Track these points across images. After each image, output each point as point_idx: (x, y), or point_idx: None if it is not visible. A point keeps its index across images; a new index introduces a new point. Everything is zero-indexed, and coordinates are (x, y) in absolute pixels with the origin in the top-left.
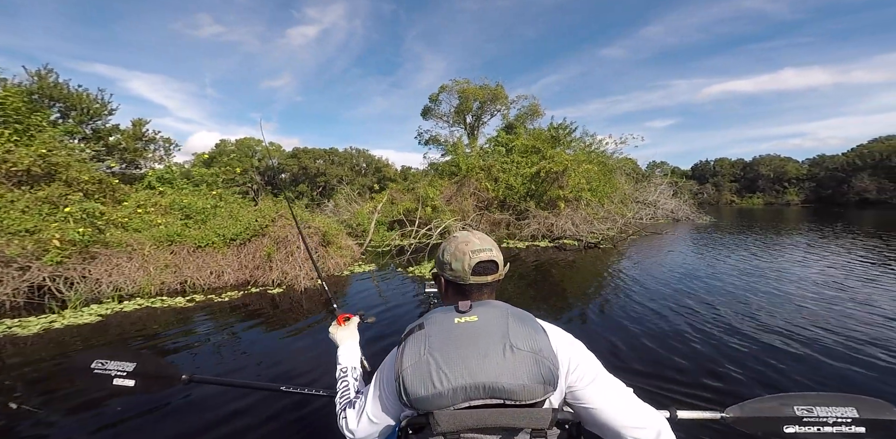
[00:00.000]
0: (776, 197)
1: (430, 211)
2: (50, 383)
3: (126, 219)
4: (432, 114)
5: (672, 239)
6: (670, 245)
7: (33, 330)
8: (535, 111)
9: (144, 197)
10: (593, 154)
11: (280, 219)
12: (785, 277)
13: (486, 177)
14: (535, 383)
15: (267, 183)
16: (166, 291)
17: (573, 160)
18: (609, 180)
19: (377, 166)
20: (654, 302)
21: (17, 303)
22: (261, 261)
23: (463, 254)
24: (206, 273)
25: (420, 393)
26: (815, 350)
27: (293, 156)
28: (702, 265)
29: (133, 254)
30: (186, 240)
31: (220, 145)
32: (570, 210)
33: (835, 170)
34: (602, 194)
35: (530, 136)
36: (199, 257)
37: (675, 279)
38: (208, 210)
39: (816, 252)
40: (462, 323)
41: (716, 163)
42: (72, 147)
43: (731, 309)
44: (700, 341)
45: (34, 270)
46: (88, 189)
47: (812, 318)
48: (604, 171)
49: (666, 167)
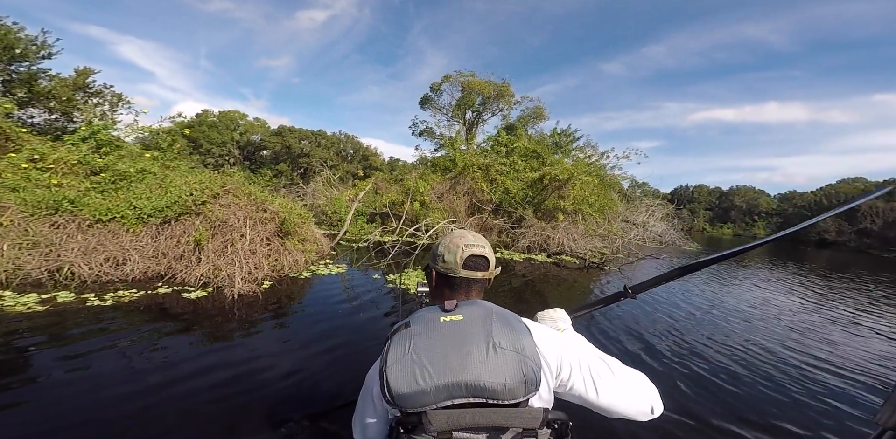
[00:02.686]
0: (745, 228)
1: (419, 207)
2: None
3: (4, 173)
4: (431, 105)
5: (669, 264)
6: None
7: None
8: (539, 114)
9: (46, 149)
10: (592, 166)
11: (226, 194)
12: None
13: (483, 176)
14: (517, 383)
15: (245, 158)
16: (19, 282)
17: (576, 170)
18: (607, 195)
19: (365, 154)
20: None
21: None
22: (186, 250)
23: (456, 247)
24: (98, 258)
25: (403, 390)
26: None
27: (277, 133)
28: (729, 300)
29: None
30: (82, 209)
31: (201, 115)
32: (567, 223)
33: (802, 207)
34: (601, 210)
35: (532, 140)
36: (94, 236)
37: (703, 320)
38: (131, 174)
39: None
40: (447, 321)
41: (694, 189)
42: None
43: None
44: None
45: None
46: None
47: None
48: (602, 186)
49: (647, 188)
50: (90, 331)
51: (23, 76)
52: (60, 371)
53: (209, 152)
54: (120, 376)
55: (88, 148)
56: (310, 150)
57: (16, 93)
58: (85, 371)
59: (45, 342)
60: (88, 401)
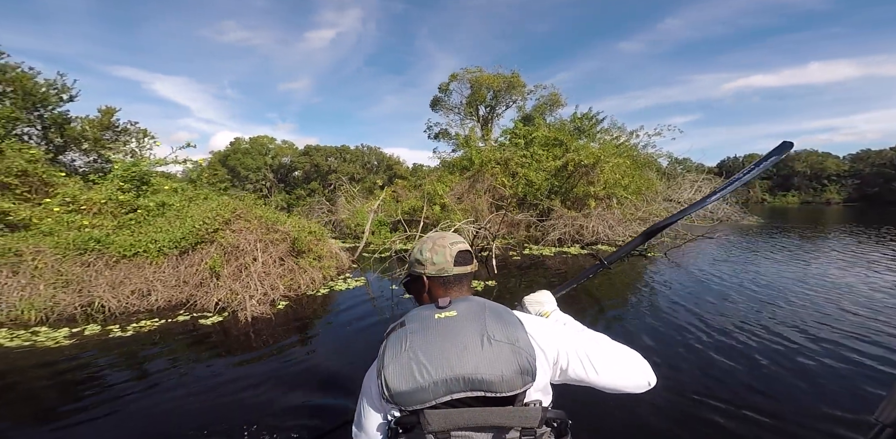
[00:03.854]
0: (814, 195)
1: (439, 210)
2: None
3: (37, 220)
4: (442, 106)
5: (727, 244)
6: (730, 251)
7: None
8: (555, 101)
9: (76, 192)
10: (623, 147)
11: (237, 219)
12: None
13: (503, 171)
14: (514, 373)
15: (279, 180)
16: (57, 317)
17: (603, 153)
18: (642, 176)
19: (388, 163)
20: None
21: None
22: (204, 277)
23: (442, 247)
24: (124, 291)
25: (402, 387)
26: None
27: (305, 153)
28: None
29: (21, 266)
30: (109, 247)
31: (234, 143)
32: (601, 209)
33: (882, 165)
34: (637, 192)
35: (552, 128)
36: (121, 270)
37: (762, 306)
38: (151, 208)
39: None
40: (442, 318)
41: (745, 159)
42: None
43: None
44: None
45: None
46: (9, 183)
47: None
48: (635, 166)
49: (689, 164)
50: (112, 362)
51: (51, 121)
52: (75, 397)
53: (247, 178)
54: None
55: (115, 186)
56: (337, 166)
57: (52, 139)
58: (98, 396)
59: (68, 371)
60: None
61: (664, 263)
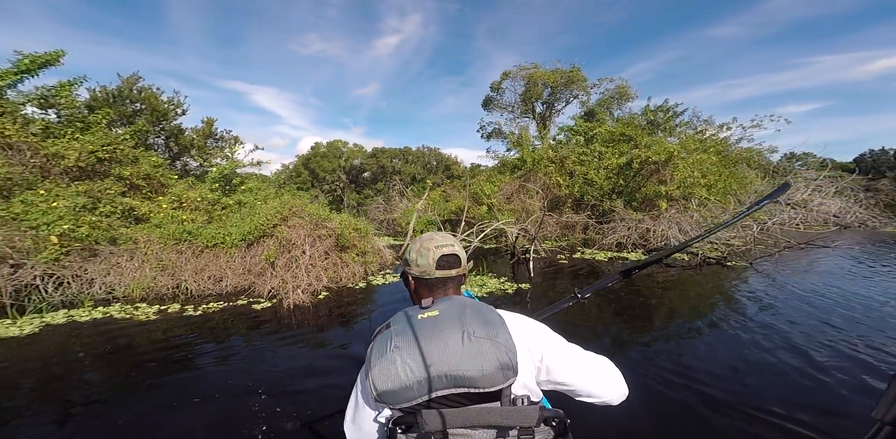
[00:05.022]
0: None
1: (485, 210)
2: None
3: (152, 215)
4: (494, 105)
5: (850, 256)
6: (851, 265)
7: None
8: (623, 94)
9: (181, 192)
10: (708, 141)
11: (293, 216)
12: None
13: (558, 170)
14: (494, 369)
15: (351, 182)
16: (153, 296)
17: (681, 148)
18: (733, 174)
19: (446, 163)
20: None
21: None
22: (263, 267)
23: (427, 250)
24: (203, 277)
25: (387, 386)
26: None
27: (372, 155)
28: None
29: (136, 252)
30: (197, 238)
31: (314, 147)
32: (675, 211)
33: None
34: (724, 192)
35: (619, 123)
36: (203, 259)
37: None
38: (230, 205)
39: None
40: (425, 318)
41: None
42: (128, 144)
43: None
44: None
45: (27, 268)
46: (139, 184)
47: None
48: (725, 163)
49: (810, 160)
50: (186, 335)
51: (170, 131)
52: (158, 358)
53: (324, 180)
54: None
55: (207, 186)
56: (400, 167)
57: (171, 147)
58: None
59: (156, 340)
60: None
61: (752, 274)
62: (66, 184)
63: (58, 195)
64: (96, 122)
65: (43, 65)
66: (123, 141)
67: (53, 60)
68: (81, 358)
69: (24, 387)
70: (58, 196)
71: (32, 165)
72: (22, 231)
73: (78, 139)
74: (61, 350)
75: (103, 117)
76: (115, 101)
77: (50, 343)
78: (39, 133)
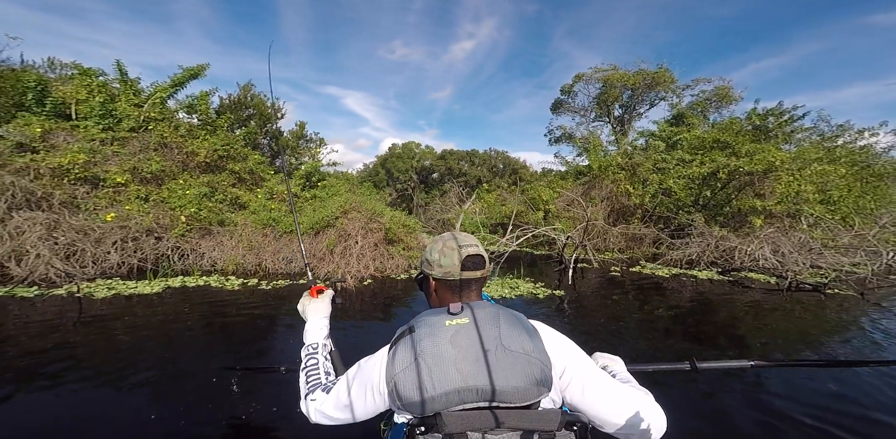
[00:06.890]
0: None
1: (541, 216)
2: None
3: (250, 203)
4: (565, 109)
5: None
6: None
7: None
8: (724, 96)
9: (273, 185)
10: (840, 150)
11: (353, 210)
12: None
13: (628, 178)
14: (529, 384)
15: (421, 182)
16: (241, 271)
17: (794, 157)
18: (874, 189)
19: (514, 167)
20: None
21: (135, 266)
22: (325, 253)
23: (452, 250)
24: (279, 258)
25: (413, 398)
26: None
27: (441, 157)
28: None
29: (234, 233)
30: (278, 224)
31: (391, 148)
32: (772, 230)
33: None
34: (850, 210)
35: (715, 128)
36: (281, 243)
37: None
38: (307, 198)
39: None
40: (453, 325)
41: None
42: (240, 144)
43: None
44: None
45: (165, 240)
46: (245, 177)
47: None
48: (859, 176)
49: None
50: (259, 303)
51: (271, 133)
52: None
53: (398, 179)
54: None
55: (297, 182)
56: (467, 170)
57: (273, 147)
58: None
59: (241, 303)
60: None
61: (863, 306)
62: (196, 176)
63: (190, 185)
64: (220, 126)
65: (192, 76)
66: (237, 141)
67: (199, 72)
68: (190, 317)
69: (153, 338)
70: (190, 185)
71: (177, 161)
72: (165, 211)
73: (207, 139)
74: (175, 310)
75: (226, 121)
76: (235, 107)
77: (170, 302)
78: (186, 134)
